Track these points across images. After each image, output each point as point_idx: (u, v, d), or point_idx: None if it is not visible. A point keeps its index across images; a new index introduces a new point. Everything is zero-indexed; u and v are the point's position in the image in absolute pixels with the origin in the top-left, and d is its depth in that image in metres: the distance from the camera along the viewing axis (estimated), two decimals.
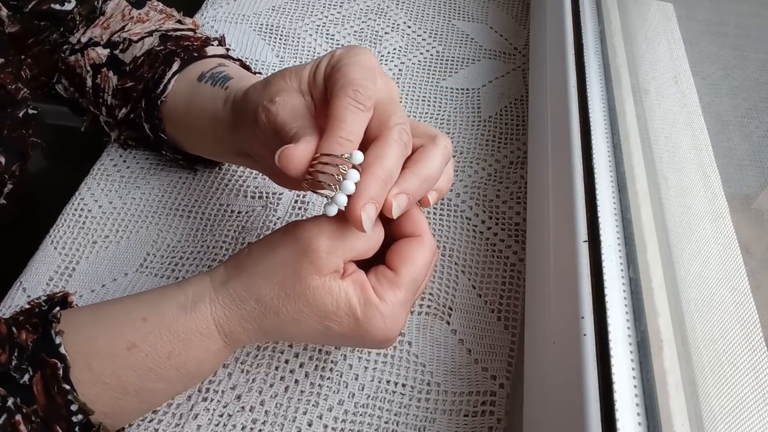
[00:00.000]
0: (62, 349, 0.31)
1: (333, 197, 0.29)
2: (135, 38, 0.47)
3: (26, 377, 0.30)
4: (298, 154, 0.29)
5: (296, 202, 0.49)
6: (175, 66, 0.44)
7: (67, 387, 0.30)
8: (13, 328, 0.31)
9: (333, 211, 0.30)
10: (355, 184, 0.29)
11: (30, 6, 0.44)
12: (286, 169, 0.29)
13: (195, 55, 0.46)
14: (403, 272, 0.33)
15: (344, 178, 0.29)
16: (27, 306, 0.34)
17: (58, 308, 0.33)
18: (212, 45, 0.48)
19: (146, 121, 0.46)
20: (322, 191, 0.29)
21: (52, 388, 0.30)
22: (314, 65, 0.34)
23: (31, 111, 0.43)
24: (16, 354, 0.31)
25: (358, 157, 0.29)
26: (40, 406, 0.30)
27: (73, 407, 0.31)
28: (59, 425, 0.30)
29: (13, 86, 0.42)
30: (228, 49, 0.49)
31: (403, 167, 0.32)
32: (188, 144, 0.47)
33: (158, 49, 0.46)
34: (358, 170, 0.29)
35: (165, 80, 0.44)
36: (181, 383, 0.34)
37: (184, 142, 0.47)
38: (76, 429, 0.31)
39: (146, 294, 0.34)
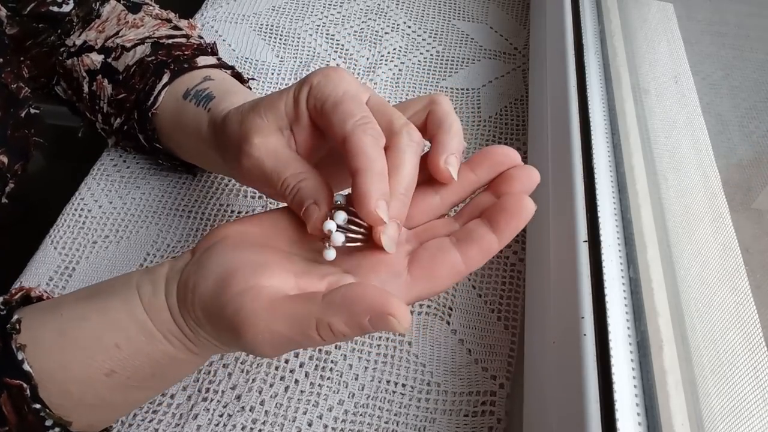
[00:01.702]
0: (26, 366, 0.29)
1: (329, 242, 0.29)
2: (128, 45, 0.46)
3: None
4: (317, 221, 0.29)
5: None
6: (165, 78, 0.44)
7: (37, 406, 0.29)
8: None
9: (331, 255, 0.29)
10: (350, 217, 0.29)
11: (29, 8, 0.44)
12: (310, 228, 0.29)
13: (185, 66, 0.45)
14: None
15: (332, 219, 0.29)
16: None
17: (16, 317, 0.30)
18: (206, 53, 0.47)
19: (140, 132, 0.46)
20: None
21: (21, 408, 0.29)
22: (289, 97, 0.31)
23: (33, 110, 0.43)
24: None
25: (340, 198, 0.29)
26: (13, 426, 0.29)
27: (48, 422, 0.29)
28: None
29: (15, 85, 0.42)
30: (219, 58, 0.48)
31: (431, 132, 0.31)
32: (182, 156, 0.47)
33: (149, 59, 0.45)
34: (343, 210, 0.29)
35: (155, 92, 0.44)
36: (168, 386, 0.34)
37: (178, 153, 0.47)
38: None
39: (107, 310, 0.31)
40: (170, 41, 0.47)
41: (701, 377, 0.31)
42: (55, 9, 0.45)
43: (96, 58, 0.46)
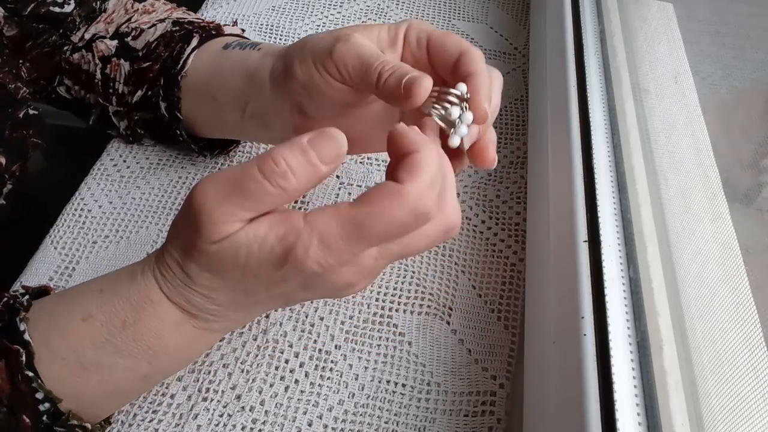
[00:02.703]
0: (26, 336, 0.30)
1: (456, 130, 0.31)
2: (146, 26, 0.47)
3: None
4: (427, 83, 0.31)
5: (296, 201, 0.49)
6: (194, 42, 0.45)
7: (30, 374, 0.29)
8: None
9: (456, 141, 0.31)
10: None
11: (29, 9, 0.44)
12: (416, 95, 0.30)
13: (213, 33, 0.47)
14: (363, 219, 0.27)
15: (462, 111, 0.31)
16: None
17: (27, 296, 0.32)
18: (228, 26, 0.50)
19: (164, 100, 0.46)
20: (443, 122, 0.31)
21: (15, 375, 0.29)
22: (383, 28, 0.36)
23: (31, 111, 0.43)
24: None
25: (464, 88, 0.32)
26: (5, 395, 0.29)
27: (39, 395, 0.30)
28: (26, 414, 0.30)
29: (13, 85, 0.42)
30: (243, 30, 0.50)
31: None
32: (204, 120, 0.46)
33: (173, 29, 0.47)
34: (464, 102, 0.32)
35: (185, 56, 0.45)
36: (144, 360, 0.31)
37: (200, 118, 0.46)
38: (44, 417, 0.30)
39: (114, 271, 0.33)
40: (189, 19, 0.49)
41: (701, 377, 0.31)
42: (56, 9, 0.45)
43: (110, 44, 0.47)
